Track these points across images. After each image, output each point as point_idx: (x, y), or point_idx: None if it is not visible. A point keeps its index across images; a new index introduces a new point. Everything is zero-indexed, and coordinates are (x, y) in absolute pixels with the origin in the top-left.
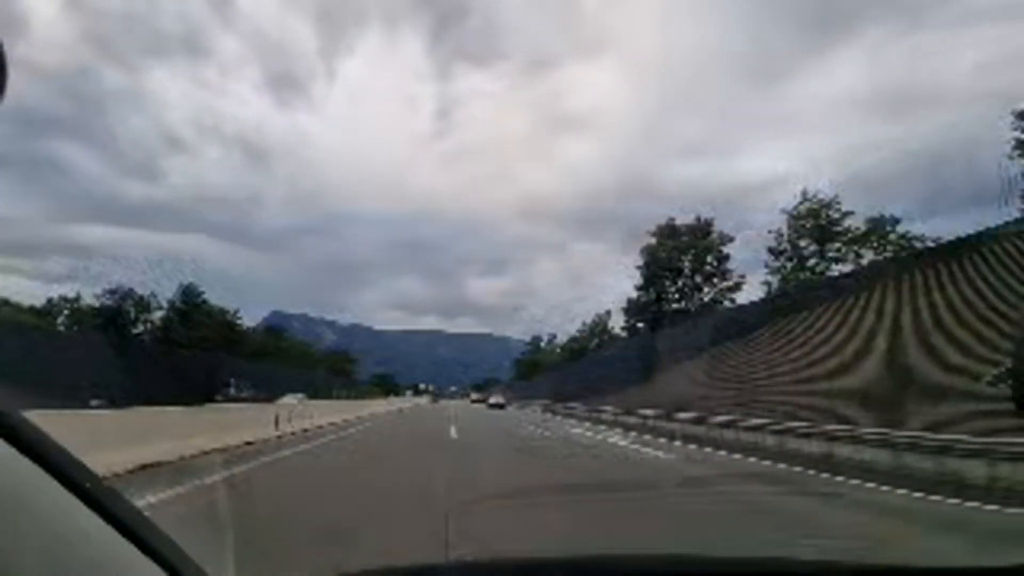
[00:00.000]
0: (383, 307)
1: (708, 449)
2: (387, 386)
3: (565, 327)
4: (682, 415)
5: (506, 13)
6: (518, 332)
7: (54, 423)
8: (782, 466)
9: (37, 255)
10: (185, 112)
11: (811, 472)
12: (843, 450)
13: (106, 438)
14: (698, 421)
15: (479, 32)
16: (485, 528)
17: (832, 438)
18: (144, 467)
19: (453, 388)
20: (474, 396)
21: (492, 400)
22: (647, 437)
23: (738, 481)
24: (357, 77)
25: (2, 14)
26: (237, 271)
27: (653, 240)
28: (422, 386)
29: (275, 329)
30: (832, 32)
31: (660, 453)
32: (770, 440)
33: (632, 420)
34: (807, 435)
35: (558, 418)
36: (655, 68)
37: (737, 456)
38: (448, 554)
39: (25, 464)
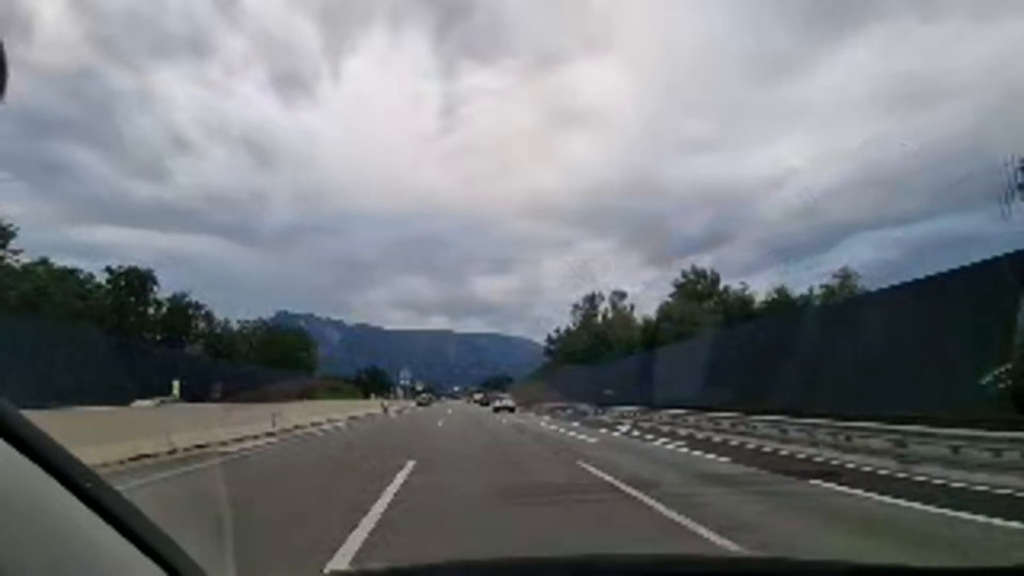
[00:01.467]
0: (391, 307)
1: None
2: (375, 384)
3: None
4: None
5: (511, 10)
6: (525, 331)
7: None
8: None
9: (47, 255)
10: (190, 112)
11: None
12: None
13: None
14: None
15: (484, 29)
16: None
17: None
18: None
19: (456, 388)
20: (477, 397)
21: (499, 403)
22: None
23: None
24: (362, 76)
25: (4, 14)
26: (243, 271)
27: None
28: (419, 385)
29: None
30: (842, 25)
31: None
32: None
33: None
34: None
35: None
36: (662, 64)
37: None
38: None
39: (25, 464)
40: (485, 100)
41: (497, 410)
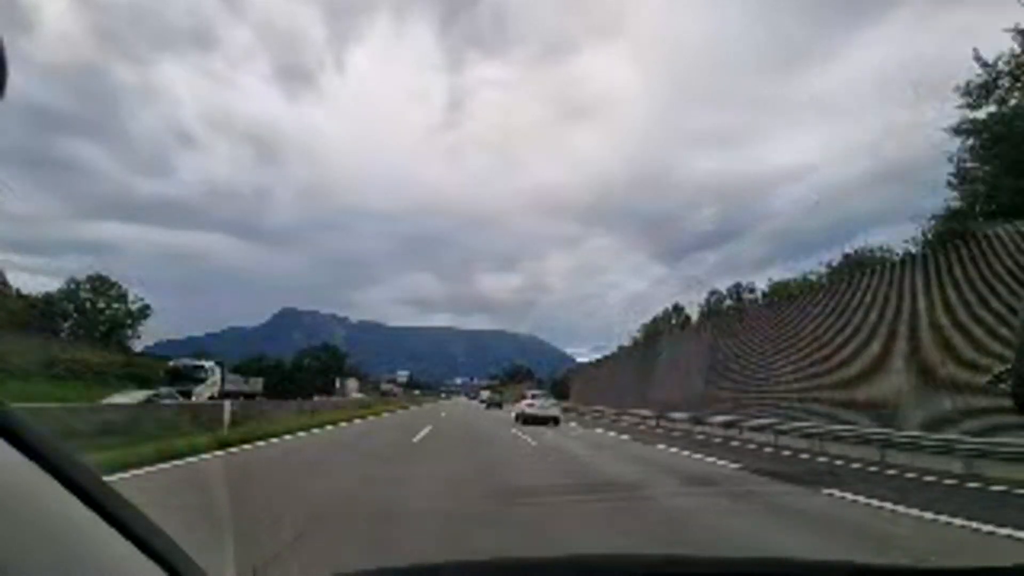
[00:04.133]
0: (395, 303)
1: None
2: (324, 377)
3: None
4: None
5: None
6: (531, 328)
7: None
8: None
9: (54, 253)
10: (195, 107)
11: None
12: None
13: None
14: None
15: (490, 18)
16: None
17: None
18: None
19: (459, 380)
20: (484, 395)
21: (531, 408)
22: None
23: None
24: (367, 69)
25: (7, 12)
26: (249, 268)
27: None
28: (400, 376)
29: None
30: (860, 11)
31: None
32: None
33: None
34: None
35: None
36: (672, 55)
37: None
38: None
39: (25, 464)
40: (491, 93)
41: (528, 421)
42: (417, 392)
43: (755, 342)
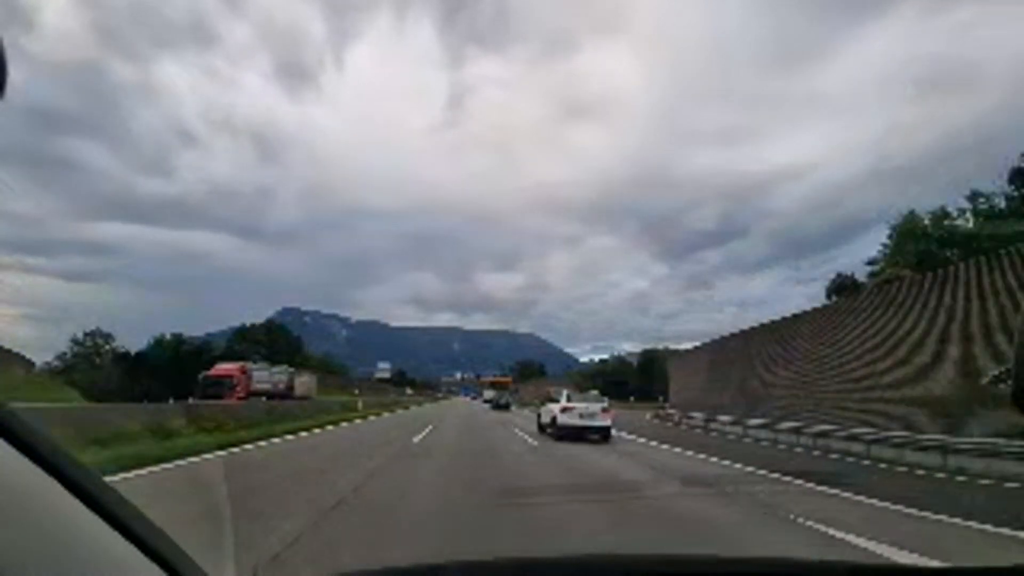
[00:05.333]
0: (397, 303)
1: None
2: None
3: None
4: None
5: None
6: (532, 327)
7: None
8: None
9: (57, 253)
10: (196, 106)
11: None
12: None
13: None
14: None
15: (492, 16)
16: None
17: None
18: None
19: (459, 374)
20: (489, 394)
21: (571, 410)
22: None
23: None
24: (368, 66)
25: (7, 11)
26: (249, 267)
27: None
28: (382, 369)
29: None
30: (862, 9)
31: None
32: None
33: None
34: None
35: None
36: (675, 52)
37: None
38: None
39: (25, 464)
40: (493, 90)
41: (564, 436)
42: (411, 391)
43: None
